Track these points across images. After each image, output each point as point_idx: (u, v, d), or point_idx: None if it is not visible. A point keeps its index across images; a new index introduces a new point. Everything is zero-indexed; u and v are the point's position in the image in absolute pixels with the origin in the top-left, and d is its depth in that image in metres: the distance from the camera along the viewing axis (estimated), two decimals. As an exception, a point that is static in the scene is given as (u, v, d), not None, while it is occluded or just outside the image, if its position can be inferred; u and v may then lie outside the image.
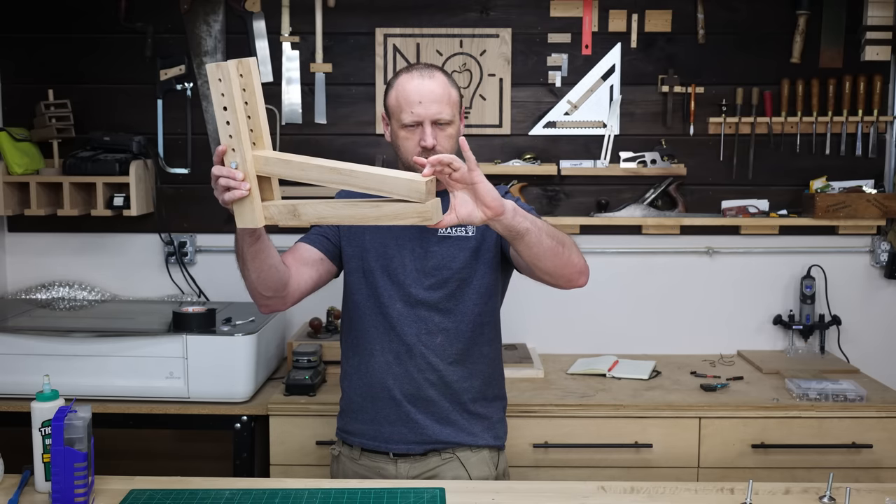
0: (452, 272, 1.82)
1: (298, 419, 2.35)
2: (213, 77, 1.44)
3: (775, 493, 1.62)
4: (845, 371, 2.70)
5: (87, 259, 2.93)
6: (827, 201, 2.78)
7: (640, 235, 2.90)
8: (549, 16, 2.85)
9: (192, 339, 2.32)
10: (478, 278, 1.83)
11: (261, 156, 1.49)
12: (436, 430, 1.83)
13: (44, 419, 1.58)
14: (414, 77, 1.75)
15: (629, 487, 1.65)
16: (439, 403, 1.83)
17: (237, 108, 1.44)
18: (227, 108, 1.45)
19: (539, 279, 1.72)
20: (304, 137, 2.88)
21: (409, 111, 1.73)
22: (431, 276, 1.82)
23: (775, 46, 2.85)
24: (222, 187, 1.48)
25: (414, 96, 1.72)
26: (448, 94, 1.75)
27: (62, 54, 2.86)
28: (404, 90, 1.74)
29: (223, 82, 1.44)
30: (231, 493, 1.61)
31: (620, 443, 2.36)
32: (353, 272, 1.88)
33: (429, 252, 1.82)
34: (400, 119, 1.75)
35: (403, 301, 1.82)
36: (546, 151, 2.89)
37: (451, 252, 1.82)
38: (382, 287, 1.83)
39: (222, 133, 1.47)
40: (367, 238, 1.85)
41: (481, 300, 1.85)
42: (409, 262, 1.82)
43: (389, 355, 1.83)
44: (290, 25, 2.84)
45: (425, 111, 1.72)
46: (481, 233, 1.82)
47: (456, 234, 1.83)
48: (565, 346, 2.89)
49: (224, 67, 1.43)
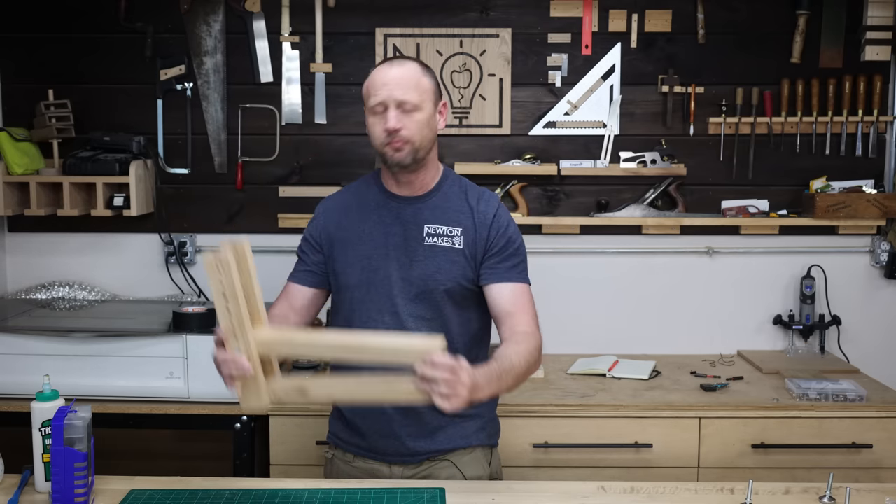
0: (439, 283, 1.77)
1: (298, 419, 2.34)
2: (211, 269, 1.43)
3: (775, 493, 1.62)
4: (845, 371, 2.70)
5: (87, 259, 2.93)
6: (827, 201, 2.78)
7: (640, 235, 2.90)
8: (549, 16, 2.85)
9: (192, 339, 2.32)
10: (463, 290, 1.80)
11: (264, 338, 1.47)
12: (427, 441, 1.81)
13: (44, 419, 1.58)
14: (384, 66, 1.76)
15: (629, 487, 1.65)
16: (429, 414, 1.79)
17: (237, 295, 1.43)
18: (226, 296, 1.44)
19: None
20: (304, 137, 2.88)
21: (374, 94, 1.72)
22: (417, 287, 1.78)
23: (775, 46, 2.85)
24: (227, 375, 1.48)
25: (380, 81, 1.73)
26: (417, 80, 1.73)
27: (62, 54, 2.86)
28: (373, 77, 1.75)
29: (222, 273, 1.42)
30: (231, 493, 1.61)
31: (620, 443, 2.36)
32: (339, 288, 1.84)
33: (414, 262, 1.78)
34: (367, 104, 1.74)
35: (390, 314, 1.78)
36: (546, 151, 2.89)
37: (437, 263, 1.78)
38: (369, 301, 1.79)
39: (222, 318, 1.45)
40: (349, 253, 1.82)
41: (469, 308, 1.83)
42: (395, 273, 1.78)
43: (378, 371, 1.79)
44: (290, 25, 2.84)
45: (389, 93, 1.70)
46: (470, 245, 1.79)
47: (442, 245, 1.79)
48: (565, 346, 2.88)
49: (222, 260, 1.42)
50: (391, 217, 1.81)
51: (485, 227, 1.80)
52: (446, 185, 1.85)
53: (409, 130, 1.71)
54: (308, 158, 2.89)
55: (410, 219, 1.81)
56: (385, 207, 1.83)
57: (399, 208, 1.82)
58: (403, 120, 1.71)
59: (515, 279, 1.80)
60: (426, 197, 1.82)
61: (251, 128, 2.88)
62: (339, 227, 1.85)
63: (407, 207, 1.81)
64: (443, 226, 1.80)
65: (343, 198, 1.90)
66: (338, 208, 1.88)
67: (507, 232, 1.81)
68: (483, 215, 1.81)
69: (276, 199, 2.88)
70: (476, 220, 1.80)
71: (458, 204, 1.82)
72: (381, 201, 1.84)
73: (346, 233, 1.83)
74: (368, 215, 1.83)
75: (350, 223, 1.84)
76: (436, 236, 1.79)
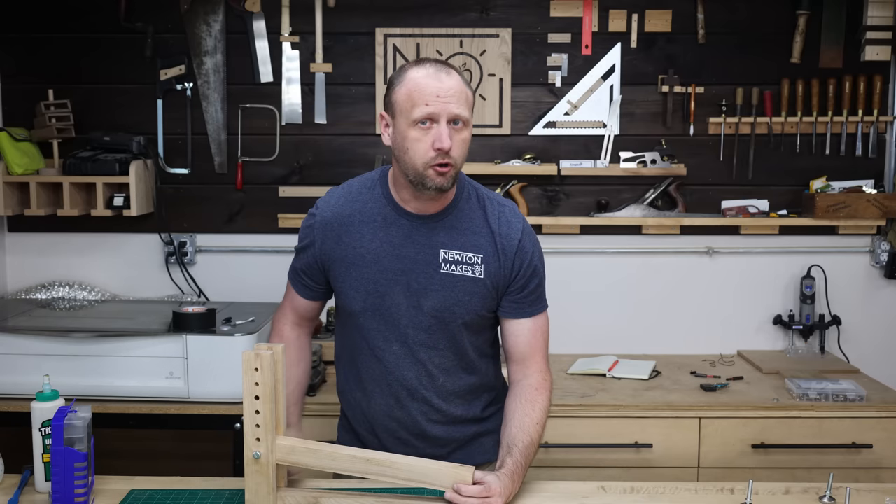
0: (456, 315, 1.64)
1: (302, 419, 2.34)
2: (248, 365, 1.39)
3: (775, 493, 1.62)
4: (845, 371, 2.70)
5: (87, 259, 2.93)
6: (827, 201, 2.78)
7: (640, 235, 2.90)
8: (549, 16, 2.85)
9: (192, 339, 2.32)
10: (482, 319, 1.69)
11: (286, 444, 1.44)
12: (446, 458, 1.71)
13: (44, 419, 1.58)
14: (430, 71, 1.53)
15: (629, 487, 1.65)
16: (446, 437, 1.75)
17: (270, 398, 1.40)
18: (259, 398, 1.40)
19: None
20: (304, 137, 2.88)
21: (424, 104, 1.50)
22: (431, 318, 1.64)
23: (775, 46, 2.85)
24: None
25: (431, 89, 1.51)
26: (466, 93, 1.55)
27: (62, 54, 2.86)
28: (418, 84, 1.52)
29: (260, 372, 1.39)
30: (231, 493, 1.61)
31: (620, 443, 2.36)
32: (342, 309, 1.71)
33: (429, 291, 1.63)
34: (411, 115, 1.52)
35: (399, 342, 1.66)
36: (546, 151, 2.89)
37: (456, 295, 1.63)
38: (375, 329, 1.66)
39: (248, 420, 1.41)
40: (352, 275, 1.65)
41: (485, 331, 1.74)
42: (404, 301, 1.63)
43: (390, 399, 1.71)
44: (290, 25, 2.84)
45: (444, 107, 1.50)
46: (491, 275, 1.64)
47: (462, 274, 1.63)
48: (565, 346, 2.88)
49: (264, 358, 1.38)
50: (401, 237, 1.63)
51: (508, 258, 1.64)
52: (462, 198, 1.67)
53: (456, 151, 1.54)
54: (308, 158, 2.89)
55: (424, 240, 1.63)
56: (395, 225, 1.64)
57: (411, 227, 1.63)
58: (454, 139, 1.53)
59: (537, 312, 1.70)
60: (441, 215, 1.64)
61: (251, 128, 2.88)
62: (339, 243, 1.66)
63: (420, 226, 1.63)
64: (461, 252, 1.63)
65: (342, 207, 1.68)
66: (336, 222, 1.67)
67: (531, 262, 1.67)
68: (506, 240, 1.64)
69: (276, 199, 2.88)
70: (498, 246, 1.64)
71: (477, 225, 1.65)
72: (389, 217, 1.64)
73: (347, 252, 1.65)
74: (375, 233, 1.64)
75: (352, 241, 1.65)
76: (453, 263, 1.62)
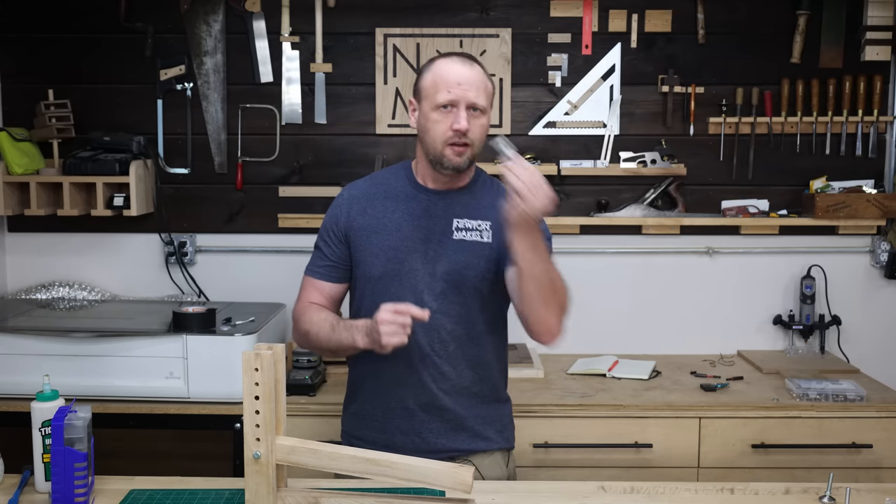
0: (467, 279, 1.77)
1: (298, 419, 2.34)
2: (248, 365, 1.40)
3: (775, 493, 1.62)
4: (845, 371, 2.70)
5: (87, 259, 2.93)
6: (827, 201, 2.78)
7: (640, 235, 2.90)
8: (549, 16, 2.85)
9: (192, 339, 2.32)
10: (491, 284, 1.80)
11: (286, 444, 1.45)
12: (449, 437, 1.81)
13: (44, 419, 1.58)
14: (455, 61, 1.73)
15: (629, 487, 1.65)
16: (453, 411, 1.80)
17: (270, 397, 1.41)
18: (259, 398, 1.41)
19: (517, 309, 1.76)
20: (304, 137, 2.88)
21: (446, 90, 1.69)
22: (444, 282, 1.77)
23: (775, 46, 2.85)
24: (387, 334, 1.58)
25: (453, 77, 1.70)
26: (486, 84, 1.74)
27: (62, 54, 2.86)
28: (442, 72, 1.72)
29: (260, 371, 1.40)
30: (231, 493, 1.61)
31: (620, 443, 2.36)
32: (362, 278, 1.83)
33: (442, 256, 1.78)
34: (434, 99, 1.71)
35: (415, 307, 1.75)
36: (546, 151, 2.89)
37: (466, 258, 1.77)
38: (394, 294, 1.76)
39: (248, 420, 1.42)
40: (374, 242, 1.80)
41: (494, 305, 1.83)
42: (421, 267, 1.78)
43: (402, 365, 1.78)
44: (290, 25, 2.84)
45: (463, 93, 1.69)
46: (498, 240, 1.77)
47: (471, 239, 1.78)
48: (565, 346, 2.85)
49: (264, 358, 1.40)
50: (420, 210, 1.80)
51: None
52: (479, 182, 1.85)
53: (474, 135, 1.71)
54: (308, 158, 2.89)
55: (440, 212, 1.79)
56: (415, 200, 1.81)
57: (429, 201, 1.80)
58: (472, 123, 1.70)
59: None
60: (457, 192, 1.82)
61: (251, 128, 2.88)
62: (364, 214, 1.82)
63: (438, 201, 1.80)
64: (472, 220, 1.79)
65: (368, 187, 1.87)
66: (363, 197, 1.85)
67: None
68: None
69: (276, 199, 2.88)
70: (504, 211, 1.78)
71: (489, 199, 1.81)
72: (410, 193, 1.82)
73: (371, 221, 1.81)
74: (397, 206, 1.81)
75: (376, 212, 1.82)
76: (465, 230, 1.78)
